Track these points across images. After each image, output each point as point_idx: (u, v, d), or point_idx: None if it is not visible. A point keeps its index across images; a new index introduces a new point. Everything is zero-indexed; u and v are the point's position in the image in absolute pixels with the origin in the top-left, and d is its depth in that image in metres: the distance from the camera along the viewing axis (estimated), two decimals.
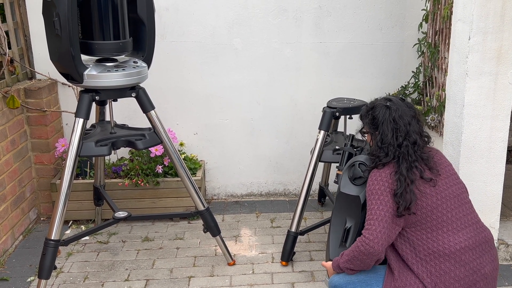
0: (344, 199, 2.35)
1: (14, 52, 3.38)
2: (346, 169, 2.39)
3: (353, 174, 2.34)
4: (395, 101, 2.24)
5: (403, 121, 2.19)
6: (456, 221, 2.16)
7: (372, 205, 2.10)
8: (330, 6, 3.56)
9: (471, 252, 2.13)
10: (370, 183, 2.15)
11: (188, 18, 3.55)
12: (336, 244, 2.36)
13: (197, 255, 3.15)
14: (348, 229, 2.32)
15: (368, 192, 2.15)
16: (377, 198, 2.10)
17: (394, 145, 2.16)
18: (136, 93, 2.70)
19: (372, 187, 2.13)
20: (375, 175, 2.14)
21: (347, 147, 2.75)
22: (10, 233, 3.18)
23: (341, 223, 2.37)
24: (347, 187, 2.35)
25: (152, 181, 3.44)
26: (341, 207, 2.38)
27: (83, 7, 2.48)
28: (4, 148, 3.10)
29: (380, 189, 2.11)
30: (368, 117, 2.26)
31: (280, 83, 3.70)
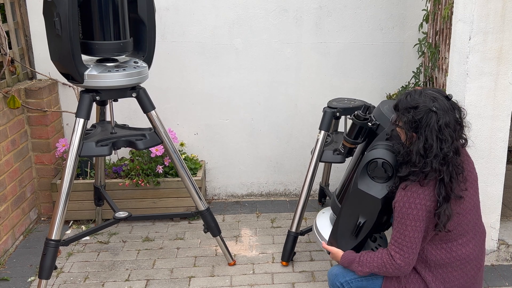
0: (360, 195, 2.19)
1: (14, 52, 3.38)
2: (365, 164, 2.17)
3: (373, 173, 2.15)
4: (440, 102, 2.00)
5: (448, 130, 1.98)
6: (470, 231, 2.13)
7: (407, 231, 2.00)
8: (331, 6, 3.56)
9: (475, 261, 2.14)
10: (407, 206, 1.99)
11: (188, 18, 3.55)
12: (345, 236, 2.27)
13: (197, 255, 3.15)
14: (361, 225, 2.22)
15: (403, 213, 2.00)
16: (414, 225, 1.99)
17: (439, 157, 1.96)
18: (137, 93, 2.70)
19: (410, 211, 1.98)
20: (414, 199, 1.98)
21: (359, 121, 2.38)
22: (10, 233, 3.18)
23: (352, 217, 2.24)
24: (366, 184, 2.17)
25: (152, 181, 3.44)
26: (355, 203, 2.23)
27: (83, 7, 2.48)
28: (4, 148, 3.10)
29: (418, 214, 1.98)
30: (407, 116, 2.01)
31: (280, 83, 3.71)
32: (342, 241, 2.29)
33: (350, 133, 2.45)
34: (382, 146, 2.19)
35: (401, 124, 2.06)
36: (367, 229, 2.22)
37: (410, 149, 2.02)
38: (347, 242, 2.27)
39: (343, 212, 2.29)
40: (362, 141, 2.42)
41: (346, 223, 2.27)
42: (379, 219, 2.21)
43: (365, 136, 2.40)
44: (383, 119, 2.31)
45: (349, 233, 2.26)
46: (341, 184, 2.55)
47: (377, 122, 2.34)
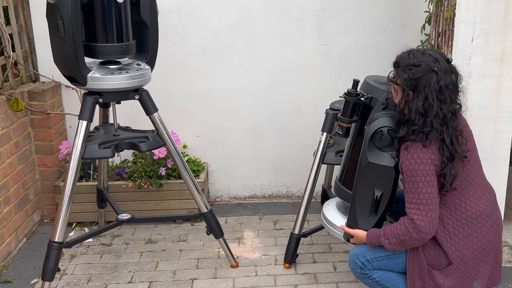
0: (373, 169, 2.18)
1: (18, 55, 3.39)
2: (371, 136, 2.16)
3: (380, 143, 2.14)
4: (442, 63, 2.01)
5: (448, 91, 2.00)
6: (479, 188, 2.13)
7: (420, 188, 1.98)
8: (333, 8, 3.56)
9: (491, 219, 2.13)
10: (413, 162, 1.98)
11: (191, 21, 3.56)
12: (364, 214, 2.25)
13: (200, 257, 3.15)
14: (378, 198, 2.19)
15: (411, 171, 1.99)
16: (424, 180, 1.98)
17: (440, 117, 1.98)
18: (140, 95, 2.71)
19: (417, 167, 1.98)
20: (418, 154, 1.99)
21: (352, 97, 2.38)
22: (13, 235, 3.19)
23: (368, 193, 2.23)
24: (375, 156, 2.16)
25: (155, 183, 3.45)
26: (368, 178, 2.21)
27: (86, 9, 2.49)
28: (8, 150, 3.11)
29: (425, 169, 1.97)
30: (408, 74, 2.01)
31: (283, 85, 3.71)
32: (362, 221, 2.26)
33: (344, 112, 2.44)
34: (382, 115, 2.19)
35: (399, 82, 2.05)
36: (385, 201, 2.20)
37: (409, 108, 2.02)
38: (368, 220, 2.25)
39: (357, 191, 2.26)
40: (358, 118, 2.41)
41: (363, 201, 2.24)
42: (394, 188, 2.19)
43: (360, 112, 2.39)
44: (375, 91, 2.33)
45: (368, 210, 2.23)
46: (341, 168, 2.55)
47: (370, 96, 2.34)
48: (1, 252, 3.03)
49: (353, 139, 2.48)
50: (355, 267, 2.27)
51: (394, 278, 2.25)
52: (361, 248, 2.27)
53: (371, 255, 2.23)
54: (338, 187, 2.54)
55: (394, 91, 2.13)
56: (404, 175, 2.04)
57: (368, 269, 2.25)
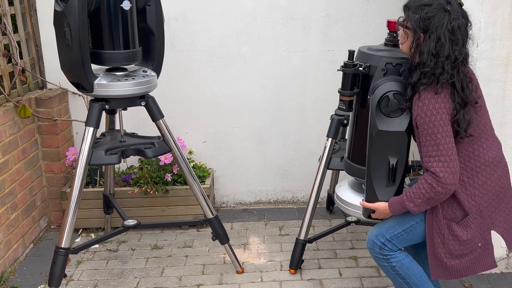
0: (384, 137, 2.13)
1: (25, 62, 3.42)
2: (377, 104, 2.12)
3: (388, 108, 2.10)
4: (454, 5, 1.98)
5: (460, 33, 1.96)
6: (490, 135, 2.14)
7: (438, 139, 1.96)
8: (338, 14, 3.57)
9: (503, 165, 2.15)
10: (429, 114, 1.95)
11: (196, 28, 3.58)
12: (382, 185, 2.21)
13: (205, 263, 3.16)
14: (394, 166, 2.16)
15: (428, 123, 1.96)
16: (442, 131, 1.95)
17: (451, 59, 1.94)
18: (146, 102, 2.72)
19: (434, 118, 1.95)
20: (432, 105, 1.95)
21: (351, 68, 2.34)
22: (21, 241, 3.20)
23: (383, 163, 2.18)
24: (385, 123, 2.12)
25: (161, 189, 3.46)
26: (381, 147, 2.16)
27: (93, 17, 2.51)
28: (15, 156, 3.14)
29: (442, 119, 1.95)
30: (419, 13, 1.96)
31: (288, 91, 3.72)
32: (382, 193, 2.22)
33: (344, 85, 2.39)
34: (385, 80, 2.17)
35: (410, 24, 2.02)
36: (401, 169, 2.18)
37: (420, 51, 1.99)
38: (387, 191, 2.22)
39: (372, 163, 2.21)
40: (358, 90, 2.37)
41: (380, 172, 2.20)
42: (408, 154, 2.17)
43: (360, 83, 2.36)
44: (371, 59, 2.30)
45: (386, 181, 2.20)
46: (348, 144, 2.52)
47: (368, 64, 2.30)
48: (8, 258, 3.05)
49: (356, 112, 2.44)
50: (374, 247, 2.27)
51: (409, 267, 2.26)
52: (380, 228, 2.26)
53: (390, 233, 2.22)
54: (348, 165, 2.50)
55: (403, 37, 2.08)
56: (420, 129, 2.00)
57: (387, 249, 2.24)
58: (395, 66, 2.20)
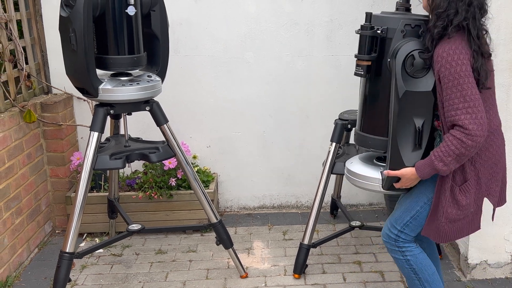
0: (411, 98, 2.09)
1: (31, 67, 3.44)
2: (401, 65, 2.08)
3: (413, 68, 2.07)
4: None
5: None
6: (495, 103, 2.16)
7: (465, 90, 1.94)
8: (341, 19, 3.58)
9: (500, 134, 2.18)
10: (454, 64, 1.94)
11: (201, 33, 3.60)
12: (409, 150, 2.16)
13: (209, 267, 3.16)
14: (421, 128, 2.13)
15: (453, 74, 1.94)
16: (468, 81, 1.94)
17: (466, 1, 1.96)
18: (150, 106, 2.73)
19: (459, 69, 1.94)
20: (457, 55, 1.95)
21: (369, 30, 2.27)
22: (25, 246, 3.22)
23: (409, 126, 2.14)
24: (411, 83, 2.09)
25: (165, 194, 3.47)
26: (407, 109, 2.12)
27: (98, 22, 2.53)
28: (20, 161, 3.15)
29: (467, 69, 1.94)
30: None
31: (291, 95, 3.73)
32: (408, 158, 2.16)
33: (362, 48, 2.32)
34: (407, 41, 2.13)
35: None
36: (427, 131, 2.15)
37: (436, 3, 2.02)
38: (414, 156, 2.16)
39: (398, 128, 2.15)
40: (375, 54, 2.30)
41: (406, 136, 2.15)
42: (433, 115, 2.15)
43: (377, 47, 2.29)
44: (388, 21, 2.24)
45: (412, 145, 2.16)
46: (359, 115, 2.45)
47: (385, 27, 2.24)
48: (13, 262, 3.06)
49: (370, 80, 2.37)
50: (389, 240, 2.31)
51: (423, 263, 2.29)
52: (390, 221, 2.31)
53: (400, 224, 2.26)
54: (362, 137, 2.41)
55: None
56: (444, 81, 1.98)
57: (401, 240, 2.27)
58: (414, 27, 2.17)
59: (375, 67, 2.32)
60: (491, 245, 2.91)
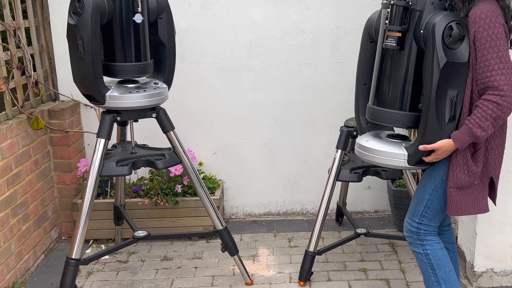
0: (450, 69, 2.10)
1: (39, 74, 3.47)
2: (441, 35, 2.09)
3: (452, 39, 2.08)
4: None
5: None
6: None
7: (501, 52, 1.99)
8: (347, 27, 3.59)
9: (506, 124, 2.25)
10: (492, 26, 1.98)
11: (207, 40, 3.62)
12: (444, 121, 2.15)
13: (215, 274, 3.16)
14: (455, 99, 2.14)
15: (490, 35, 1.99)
16: (503, 44, 1.99)
17: None
18: (157, 113, 2.75)
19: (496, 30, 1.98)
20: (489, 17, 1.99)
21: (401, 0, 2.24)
22: (32, 252, 3.23)
23: (444, 97, 2.14)
24: (451, 54, 2.10)
25: (171, 201, 3.48)
26: (445, 80, 2.12)
27: (105, 30, 2.56)
28: (27, 168, 3.17)
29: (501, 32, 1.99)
30: None
31: (297, 102, 3.73)
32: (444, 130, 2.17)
33: (393, 19, 2.28)
34: (441, 13, 2.15)
35: None
36: (460, 102, 2.16)
37: None
38: (449, 128, 2.17)
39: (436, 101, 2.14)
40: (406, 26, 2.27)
41: (442, 109, 2.15)
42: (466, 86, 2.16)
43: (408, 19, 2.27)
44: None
45: (448, 118, 2.16)
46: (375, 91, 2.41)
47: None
48: (20, 268, 3.07)
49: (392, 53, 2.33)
50: (412, 235, 2.36)
51: (441, 259, 2.33)
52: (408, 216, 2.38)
53: (417, 216, 2.32)
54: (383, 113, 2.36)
55: None
56: (479, 43, 2.01)
57: (422, 232, 2.33)
58: (441, 0, 2.19)
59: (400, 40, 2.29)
60: (497, 253, 2.90)
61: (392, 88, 2.34)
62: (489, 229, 2.85)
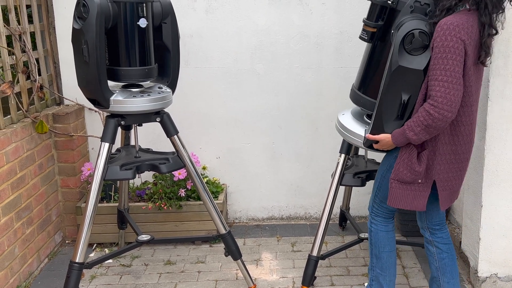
0: (402, 73, 2.21)
1: (43, 78, 3.49)
2: (400, 41, 2.18)
3: (411, 46, 2.17)
4: None
5: None
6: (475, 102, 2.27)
7: (448, 65, 2.04)
8: (351, 31, 3.60)
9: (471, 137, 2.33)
10: (449, 38, 2.03)
11: (211, 45, 3.63)
12: (391, 119, 2.30)
13: (218, 278, 3.16)
14: (405, 102, 2.24)
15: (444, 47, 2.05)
16: (455, 58, 2.04)
17: None
18: (161, 118, 2.76)
19: (451, 44, 2.04)
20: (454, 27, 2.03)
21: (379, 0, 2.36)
22: (36, 256, 3.24)
23: (395, 97, 2.27)
24: (406, 60, 2.19)
25: (175, 205, 3.48)
26: (397, 82, 2.24)
27: (110, 34, 2.57)
28: (32, 172, 3.18)
29: (457, 48, 2.04)
30: None
31: (301, 107, 3.74)
32: (388, 126, 2.32)
33: (371, 16, 2.41)
34: (412, 18, 2.22)
35: None
36: (411, 105, 2.25)
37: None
38: (394, 125, 2.31)
39: (385, 97, 2.28)
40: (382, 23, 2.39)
41: (391, 106, 2.29)
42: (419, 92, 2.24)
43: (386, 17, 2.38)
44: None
45: (394, 116, 2.29)
46: (359, 75, 2.58)
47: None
48: (23, 272, 3.08)
49: (374, 45, 2.47)
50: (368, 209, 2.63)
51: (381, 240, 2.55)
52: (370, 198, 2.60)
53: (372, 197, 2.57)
54: (357, 95, 2.57)
55: None
56: (435, 51, 2.08)
57: (374, 211, 2.57)
58: (423, 5, 2.26)
59: (381, 34, 2.42)
60: (501, 258, 2.89)
61: (367, 75, 2.53)
62: (493, 235, 2.84)
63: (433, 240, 2.55)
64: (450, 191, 2.38)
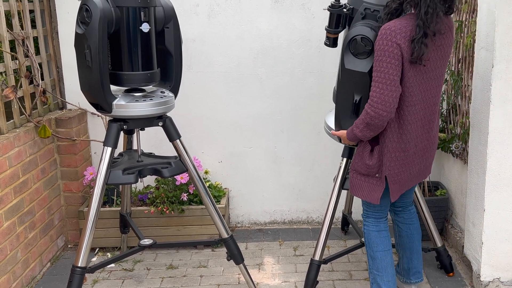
0: (350, 75, 2.39)
1: (46, 83, 3.50)
2: (347, 44, 2.36)
3: (355, 50, 2.34)
4: None
5: None
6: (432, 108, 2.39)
7: (383, 67, 2.17)
8: None
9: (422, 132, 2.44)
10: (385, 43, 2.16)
11: (214, 49, 3.64)
12: (346, 117, 2.50)
13: (220, 283, 3.15)
14: (357, 102, 2.40)
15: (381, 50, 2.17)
16: (389, 62, 2.16)
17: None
18: (163, 122, 2.76)
19: (388, 48, 2.16)
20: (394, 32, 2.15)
21: (335, 9, 2.55)
22: (38, 260, 3.24)
23: (348, 97, 2.44)
24: (351, 63, 2.37)
25: (177, 209, 3.48)
26: (347, 82, 2.43)
27: (113, 39, 2.58)
28: (34, 176, 3.19)
29: (393, 52, 2.15)
30: None
31: (303, 111, 3.74)
32: (346, 123, 2.51)
33: (330, 23, 2.60)
34: (359, 24, 2.39)
35: None
36: (363, 105, 2.38)
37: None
38: (350, 122, 2.47)
39: (339, 96, 2.49)
40: (342, 29, 2.58)
41: (345, 105, 2.47)
42: None
43: (345, 24, 2.56)
44: (355, 2, 2.49)
45: (350, 114, 2.45)
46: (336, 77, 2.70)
47: (351, 6, 2.50)
48: (26, 276, 3.08)
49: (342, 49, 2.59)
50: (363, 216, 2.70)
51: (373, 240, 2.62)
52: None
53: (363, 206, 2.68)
54: (334, 93, 2.75)
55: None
56: (376, 53, 2.21)
57: (364, 213, 2.66)
58: (373, 12, 2.41)
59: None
60: (504, 263, 2.88)
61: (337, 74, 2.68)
62: (495, 239, 2.84)
63: (395, 220, 2.82)
64: (400, 184, 2.50)
